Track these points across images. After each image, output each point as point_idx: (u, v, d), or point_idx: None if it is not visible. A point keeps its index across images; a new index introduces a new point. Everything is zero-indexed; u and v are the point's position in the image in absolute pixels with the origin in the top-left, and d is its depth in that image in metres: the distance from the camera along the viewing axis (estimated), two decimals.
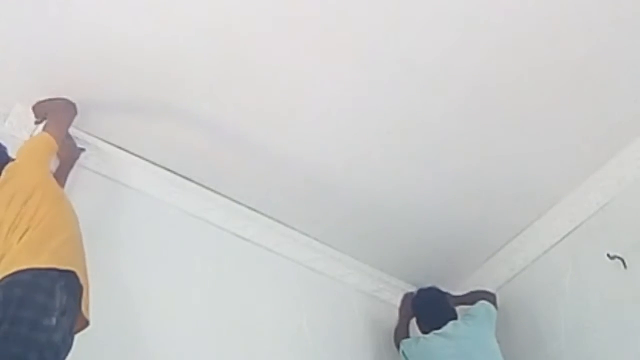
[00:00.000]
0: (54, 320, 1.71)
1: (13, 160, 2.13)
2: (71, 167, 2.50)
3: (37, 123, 2.42)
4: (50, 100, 2.40)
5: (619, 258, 2.68)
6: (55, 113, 2.36)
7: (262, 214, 2.96)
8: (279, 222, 3.00)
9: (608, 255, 2.70)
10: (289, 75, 2.46)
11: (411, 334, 2.94)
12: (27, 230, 1.86)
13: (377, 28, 2.30)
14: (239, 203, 2.91)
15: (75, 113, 2.41)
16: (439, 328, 2.78)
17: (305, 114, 2.60)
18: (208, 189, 2.84)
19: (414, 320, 3.01)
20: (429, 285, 3.07)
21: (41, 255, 1.81)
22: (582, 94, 2.54)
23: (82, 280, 1.87)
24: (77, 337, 1.89)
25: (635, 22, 2.32)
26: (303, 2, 2.24)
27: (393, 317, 3.07)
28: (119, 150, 2.68)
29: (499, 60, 2.41)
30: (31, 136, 2.49)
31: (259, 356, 2.62)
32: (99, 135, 2.64)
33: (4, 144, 2.24)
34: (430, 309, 2.94)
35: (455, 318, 2.85)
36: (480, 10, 2.26)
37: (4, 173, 2.05)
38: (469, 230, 3.08)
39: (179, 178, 2.79)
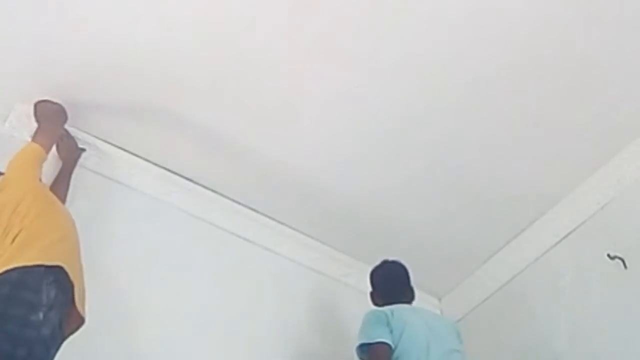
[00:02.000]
0: (41, 315, 1.73)
1: (2, 173, 2.14)
2: (73, 166, 2.52)
3: None
4: (40, 103, 2.41)
5: (619, 258, 2.67)
6: (45, 120, 2.39)
7: (262, 214, 2.96)
8: (279, 222, 3.00)
9: (608, 255, 2.69)
10: (288, 76, 2.46)
11: None
12: (19, 231, 1.88)
13: (376, 28, 2.30)
14: (239, 203, 2.91)
15: (66, 117, 2.43)
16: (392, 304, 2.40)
17: (305, 114, 2.60)
18: (208, 189, 2.85)
19: None
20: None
21: (30, 252, 1.83)
22: (582, 94, 2.54)
23: (71, 276, 1.87)
24: (75, 336, 1.90)
25: (635, 22, 2.32)
26: (302, 3, 2.24)
27: None
28: (119, 150, 2.69)
29: (498, 61, 2.41)
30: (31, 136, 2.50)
31: (258, 356, 2.62)
32: (99, 135, 2.65)
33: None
34: (394, 282, 2.57)
35: (412, 300, 2.52)
36: (480, 11, 2.26)
37: None
38: (468, 230, 3.07)
39: (179, 178, 2.79)
